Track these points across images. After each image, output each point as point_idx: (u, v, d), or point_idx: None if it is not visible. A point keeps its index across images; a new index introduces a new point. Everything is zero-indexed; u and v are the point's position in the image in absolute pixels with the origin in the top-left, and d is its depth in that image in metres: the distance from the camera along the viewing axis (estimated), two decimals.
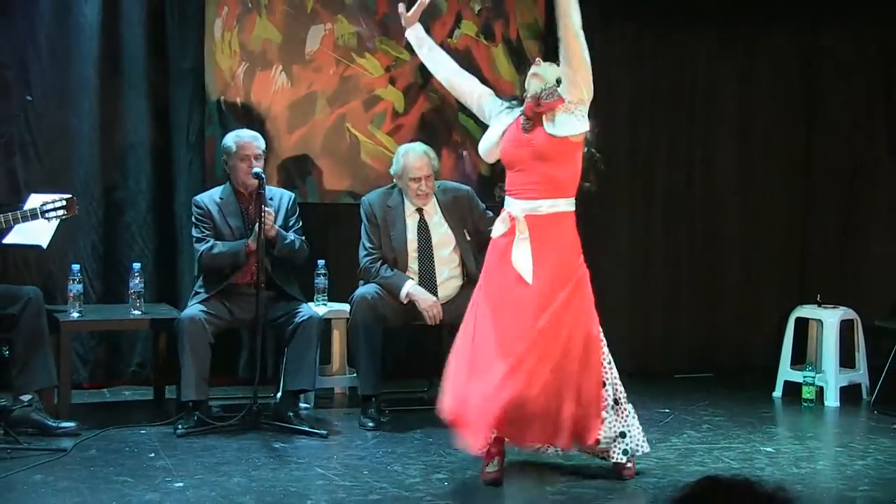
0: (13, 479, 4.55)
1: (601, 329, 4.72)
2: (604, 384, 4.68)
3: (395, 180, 5.83)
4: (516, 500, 4.49)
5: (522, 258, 4.60)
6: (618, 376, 4.78)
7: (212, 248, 5.57)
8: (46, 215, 5.11)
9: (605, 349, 4.75)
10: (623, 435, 4.70)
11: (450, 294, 5.80)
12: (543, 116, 4.63)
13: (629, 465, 4.73)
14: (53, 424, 5.26)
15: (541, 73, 4.70)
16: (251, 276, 5.51)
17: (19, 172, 6.07)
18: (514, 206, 4.67)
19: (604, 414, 4.67)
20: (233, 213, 5.65)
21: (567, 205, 4.67)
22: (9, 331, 5.24)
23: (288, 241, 5.63)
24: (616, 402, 4.72)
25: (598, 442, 4.66)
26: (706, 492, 2.00)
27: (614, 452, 4.70)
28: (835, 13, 7.26)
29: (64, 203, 5.13)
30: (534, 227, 4.62)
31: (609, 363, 4.75)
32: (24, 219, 5.11)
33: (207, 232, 5.63)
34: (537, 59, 4.86)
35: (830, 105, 7.44)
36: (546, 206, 4.63)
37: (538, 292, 4.56)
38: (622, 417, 4.72)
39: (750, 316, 7.45)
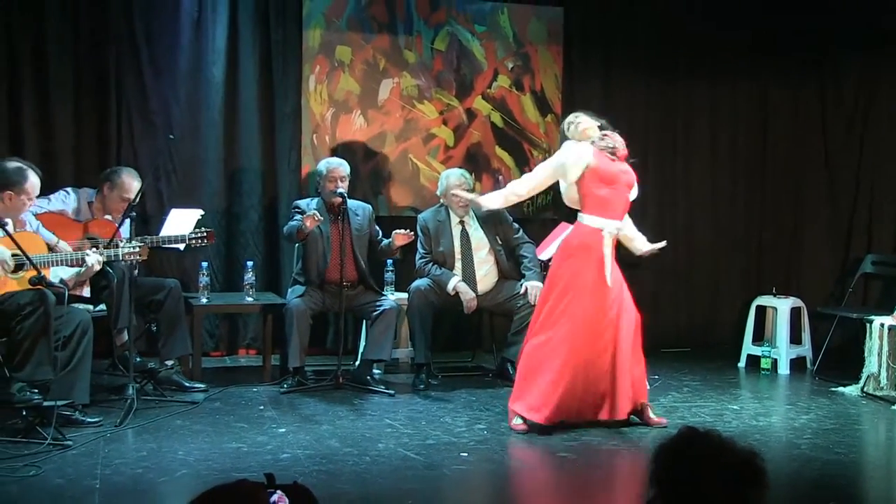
0: (160, 422, 4.67)
1: None
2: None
3: (441, 199, 5.88)
4: (538, 443, 4.53)
5: (611, 266, 4.68)
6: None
7: (289, 224, 5.61)
8: (192, 243, 5.08)
9: None
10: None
11: (487, 287, 5.80)
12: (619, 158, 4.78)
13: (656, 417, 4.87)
14: (188, 385, 5.36)
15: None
16: (338, 275, 5.51)
17: (164, 192, 6.15)
18: (607, 224, 4.69)
19: (647, 384, 4.83)
20: (323, 221, 5.60)
21: None
22: (156, 312, 5.35)
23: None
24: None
25: (644, 405, 4.81)
26: (686, 440, 1.92)
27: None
28: (780, 72, 7.29)
29: (205, 234, 5.09)
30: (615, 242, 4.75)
31: None
32: (173, 242, 5.12)
33: (298, 218, 5.56)
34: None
35: (779, 141, 7.39)
36: (620, 226, 4.79)
37: (615, 293, 4.71)
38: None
39: (720, 304, 7.40)
